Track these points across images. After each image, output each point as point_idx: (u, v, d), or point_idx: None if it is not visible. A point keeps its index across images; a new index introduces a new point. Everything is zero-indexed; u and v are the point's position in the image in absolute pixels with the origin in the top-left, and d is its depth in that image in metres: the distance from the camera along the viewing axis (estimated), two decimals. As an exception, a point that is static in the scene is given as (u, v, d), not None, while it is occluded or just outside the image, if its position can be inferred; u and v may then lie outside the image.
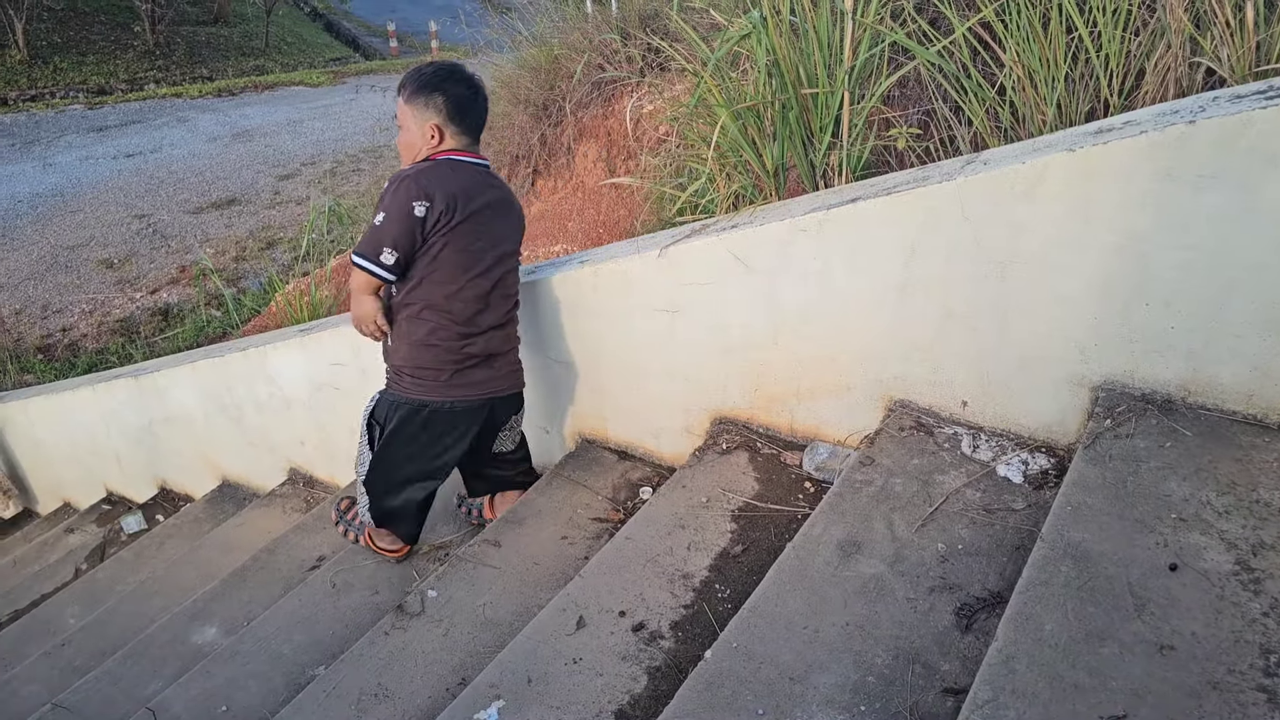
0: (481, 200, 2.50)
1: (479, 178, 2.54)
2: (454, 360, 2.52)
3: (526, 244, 5.05)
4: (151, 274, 10.46)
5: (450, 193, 2.42)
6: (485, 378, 2.59)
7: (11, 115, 18.15)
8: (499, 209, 2.58)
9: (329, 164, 13.93)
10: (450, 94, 2.49)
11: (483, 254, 2.51)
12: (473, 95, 2.54)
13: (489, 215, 2.52)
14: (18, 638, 3.40)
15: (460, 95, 2.50)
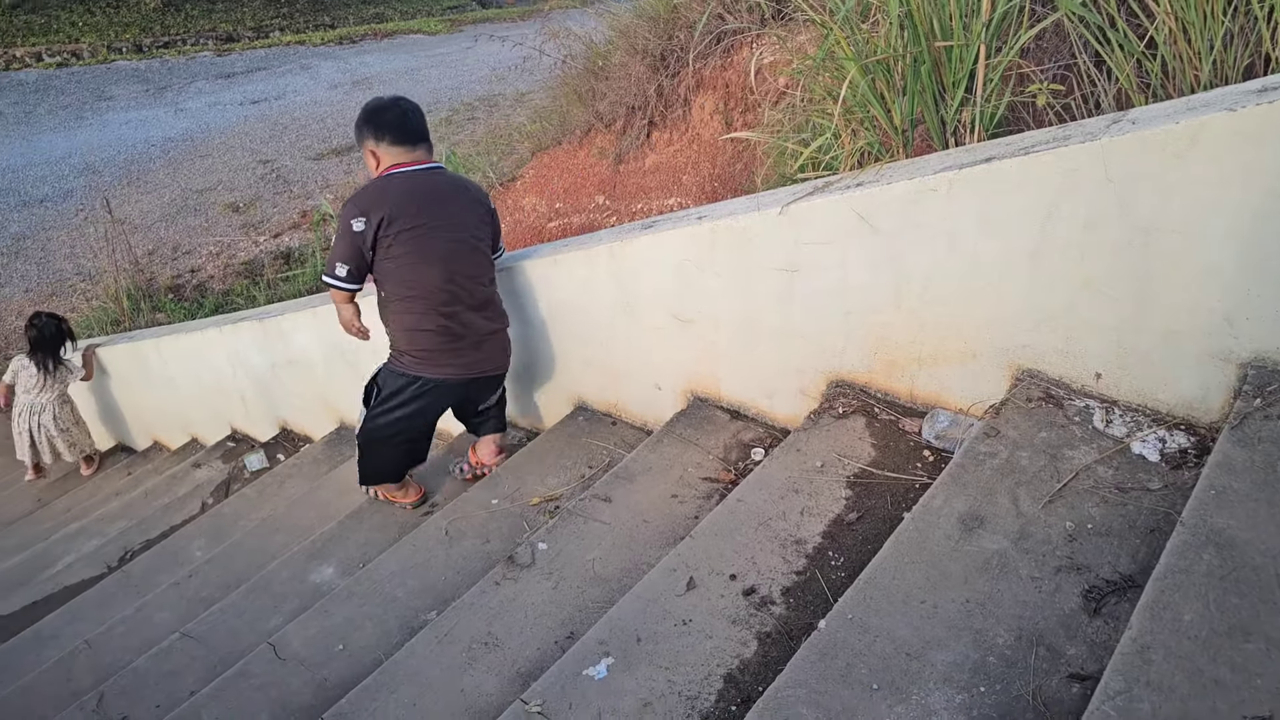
0: (424, 199, 2.87)
1: (419, 181, 2.91)
2: (435, 339, 2.92)
3: (640, 198, 5.03)
4: (275, 218, 10.79)
5: (383, 204, 2.81)
6: (474, 359, 3.01)
7: (146, 61, 18.86)
8: (445, 200, 2.93)
9: (445, 112, 14.08)
10: (372, 121, 2.91)
11: (434, 247, 2.87)
12: (398, 114, 2.93)
13: (434, 211, 2.88)
14: (149, 566, 3.59)
15: (381, 119, 2.91)
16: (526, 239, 5.46)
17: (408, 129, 2.94)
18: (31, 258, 10.22)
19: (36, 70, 17.97)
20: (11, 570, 4.21)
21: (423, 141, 2.99)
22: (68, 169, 12.64)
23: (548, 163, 6.15)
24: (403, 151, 2.93)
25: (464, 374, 3.01)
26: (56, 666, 2.97)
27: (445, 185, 2.97)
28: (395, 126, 2.92)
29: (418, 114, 2.99)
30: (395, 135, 2.92)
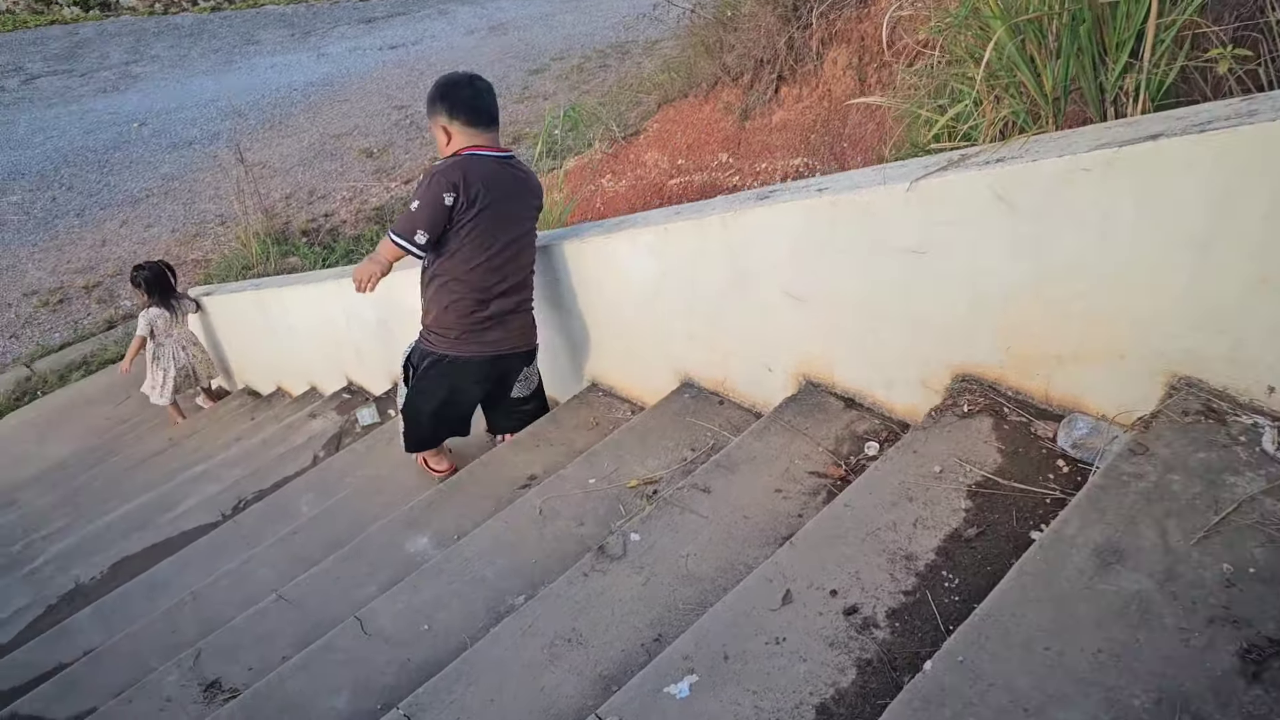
0: (499, 190, 2.99)
1: (497, 168, 3.02)
2: (468, 324, 3.09)
3: (765, 156, 4.79)
4: (406, 164, 10.90)
5: (472, 185, 2.91)
6: (498, 337, 3.16)
7: (293, 6, 19.32)
8: (515, 195, 3.07)
9: (577, 59, 13.95)
10: (448, 97, 2.98)
11: (497, 236, 3.02)
12: (473, 92, 3.00)
13: (505, 202, 3.02)
14: (259, 518, 3.63)
15: (456, 96, 2.98)
16: (646, 196, 5.30)
17: (481, 110, 3.00)
18: (179, 198, 10.63)
19: (192, 14, 18.65)
20: (138, 509, 4.36)
21: (494, 124, 3.06)
22: (215, 112, 13.07)
23: (673, 116, 5.95)
24: (476, 133, 3.00)
25: (488, 351, 3.17)
26: (164, 617, 3.03)
27: (518, 177, 3.11)
28: (470, 106, 2.99)
29: (491, 94, 3.05)
30: (469, 115, 2.99)
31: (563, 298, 3.36)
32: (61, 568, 4.01)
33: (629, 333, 3.20)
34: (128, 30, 17.44)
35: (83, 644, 3.17)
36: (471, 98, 2.99)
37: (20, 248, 9.68)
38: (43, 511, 5.16)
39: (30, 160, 11.70)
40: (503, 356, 3.23)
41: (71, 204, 10.57)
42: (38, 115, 13.27)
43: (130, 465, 5.45)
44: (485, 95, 3.02)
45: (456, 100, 2.97)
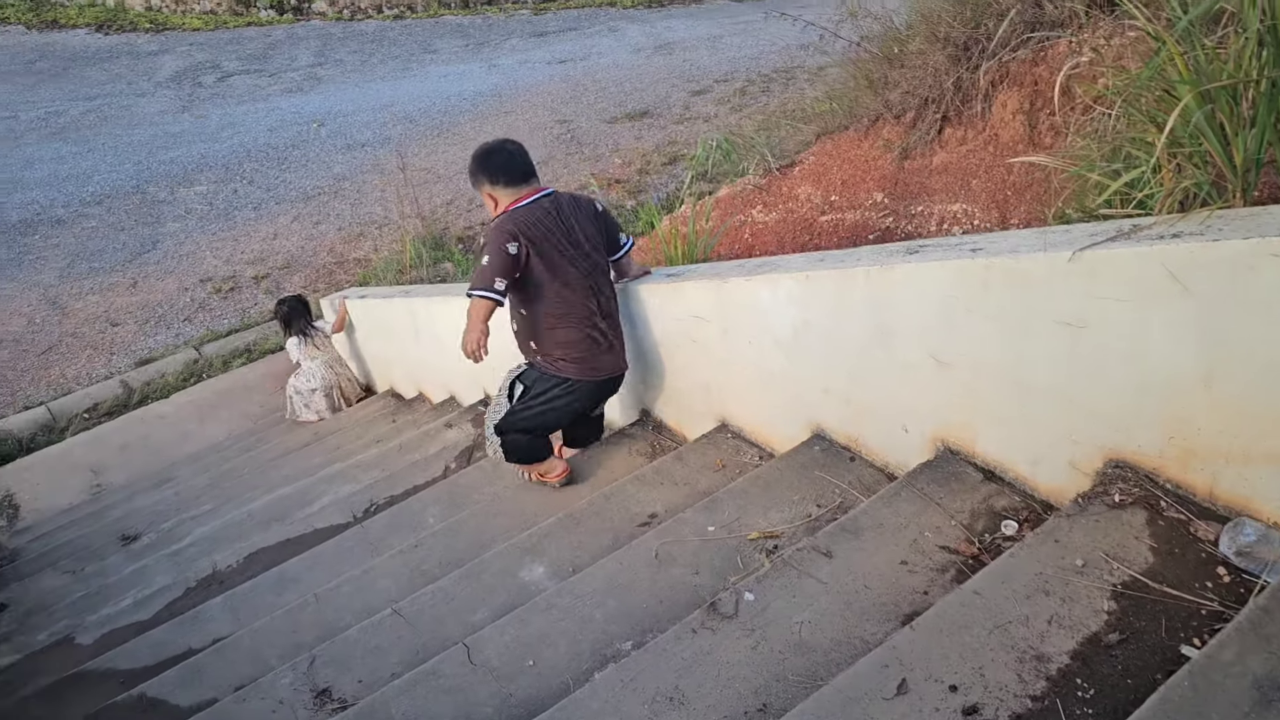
0: (554, 228, 3.29)
1: (544, 209, 3.31)
2: (583, 347, 3.35)
3: (922, 199, 4.63)
4: (564, 177, 11.07)
5: (527, 232, 3.22)
6: (610, 362, 3.44)
7: (470, 17, 19.98)
8: (569, 226, 3.33)
9: (740, 82, 13.94)
10: (485, 167, 3.32)
11: (571, 266, 3.29)
12: (505, 157, 3.32)
13: (561, 233, 3.30)
14: (387, 526, 3.71)
15: (493, 164, 3.31)
16: (795, 232, 5.20)
17: (515, 171, 3.32)
18: (347, 198, 11.10)
19: (376, 21, 19.52)
20: (277, 502, 4.53)
21: (530, 178, 3.36)
22: (389, 116, 13.62)
23: (830, 150, 5.83)
24: (515, 191, 3.32)
25: (603, 374, 3.44)
26: (286, 616, 3.12)
27: (566, 207, 3.37)
28: (505, 170, 3.31)
29: (523, 154, 3.37)
30: (507, 178, 3.31)
31: (697, 334, 3.30)
32: (203, 551, 4.20)
33: (764, 378, 3.12)
34: (316, 34, 18.39)
35: (212, 631, 3.30)
36: (505, 162, 3.32)
37: (201, 236, 10.30)
38: (195, 492, 5.44)
39: (218, 153, 12.45)
40: (611, 379, 3.52)
41: (250, 197, 11.19)
42: (228, 111, 14.12)
43: (276, 455, 5.69)
44: (517, 157, 3.34)
45: (493, 168, 3.31)
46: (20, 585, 4.62)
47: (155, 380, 7.77)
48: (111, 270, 9.63)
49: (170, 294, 9.17)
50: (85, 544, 4.98)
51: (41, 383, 7.95)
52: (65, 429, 7.28)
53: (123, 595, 3.97)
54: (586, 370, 3.38)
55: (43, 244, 10.17)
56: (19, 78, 15.61)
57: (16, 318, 8.86)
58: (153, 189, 11.43)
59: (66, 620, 3.89)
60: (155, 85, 15.36)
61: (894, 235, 4.62)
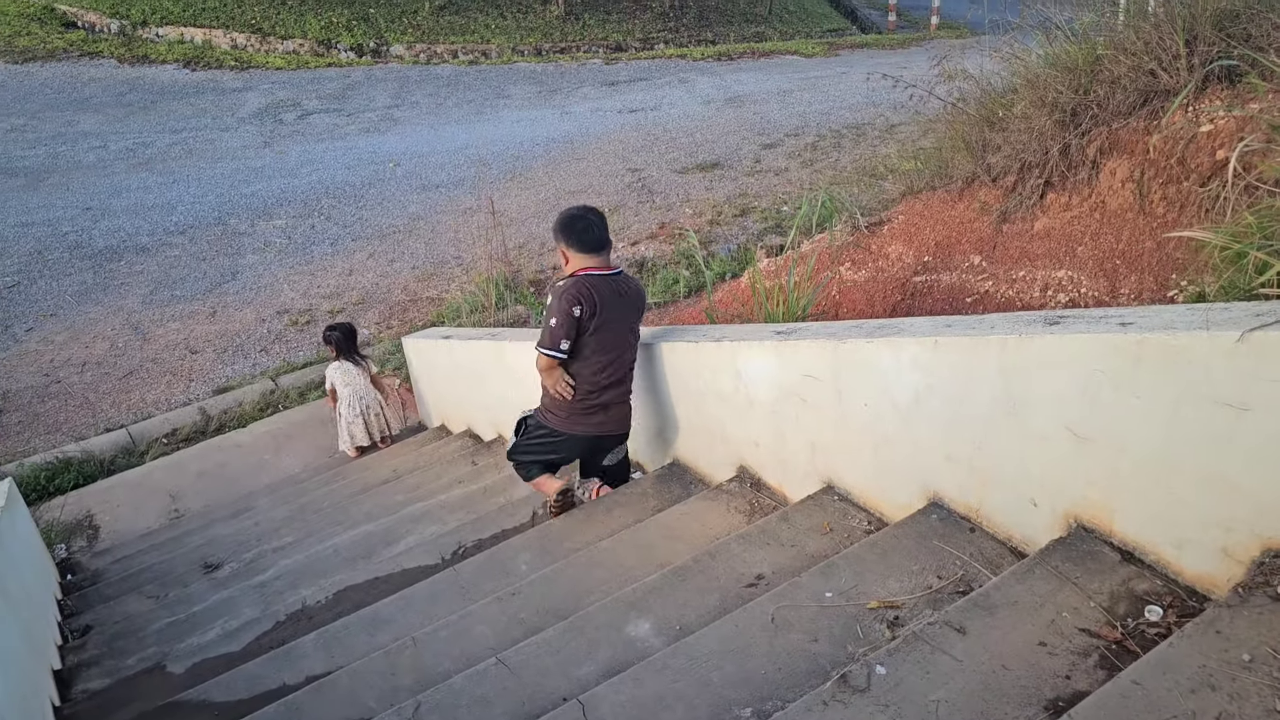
0: (611, 303, 3.73)
1: (609, 285, 3.75)
2: (579, 409, 3.85)
3: (1023, 264, 4.57)
4: (635, 226, 11.14)
5: (591, 300, 3.66)
6: (600, 420, 3.91)
7: (543, 65, 20.32)
8: (625, 306, 3.81)
9: (811, 137, 14.00)
10: (566, 230, 3.75)
11: (611, 342, 3.78)
12: (584, 226, 3.74)
13: (617, 313, 3.77)
14: (478, 570, 3.68)
15: (573, 228, 3.74)
16: (888, 291, 5.16)
17: (592, 239, 3.74)
18: (422, 237, 11.26)
19: (451, 66, 19.93)
20: (361, 540, 4.53)
21: (604, 247, 3.79)
22: (463, 159, 13.84)
23: (919, 209, 5.80)
24: (588, 257, 3.76)
25: (592, 432, 3.94)
26: (384, 657, 3.09)
27: (625, 289, 3.83)
28: (582, 238, 3.73)
29: (602, 224, 3.78)
30: (583, 245, 3.74)
31: (808, 394, 3.26)
32: (290, 584, 4.20)
33: (878, 442, 3.06)
34: (394, 77, 18.81)
35: (305, 669, 3.28)
36: (584, 229, 3.73)
37: (280, 269, 10.49)
38: (275, 523, 5.47)
39: (297, 189, 12.72)
40: (603, 437, 4.01)
41: (328, 233, 11.39)
42: (308, 148, 14.44)
43: (355, 491, 5.71)
44: (595, 227, 3.75)
45: (573, 231, 3.73)
46: (105, 608, 4.66)
47: (232, 409, 7.88)
48: (192, 299, 9.84)
49: (248, 324, 9.33)
50: (168, 569, 5.02)
51: (122, 406, 8.10)
52: (145, 453, 7.39)
53: (210, 625, 3.98)
54: (574, 425, 3.89)
55: (127, 271, 10.42)
56: (110, 109, 16.12)
57: (100, 341, 9.07)
58: (234, 221, 11.69)
59: (155, 647, 3.91)
60: (238, 121, 15.77)
61: (994, 299, 4.55)
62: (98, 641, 4.19)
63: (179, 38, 19.81)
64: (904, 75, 6.48)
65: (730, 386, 3.65)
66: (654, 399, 4.23)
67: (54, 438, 7.61)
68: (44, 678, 3.59)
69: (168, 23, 19.89)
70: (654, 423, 4.31)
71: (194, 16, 19.99)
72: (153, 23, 19.88)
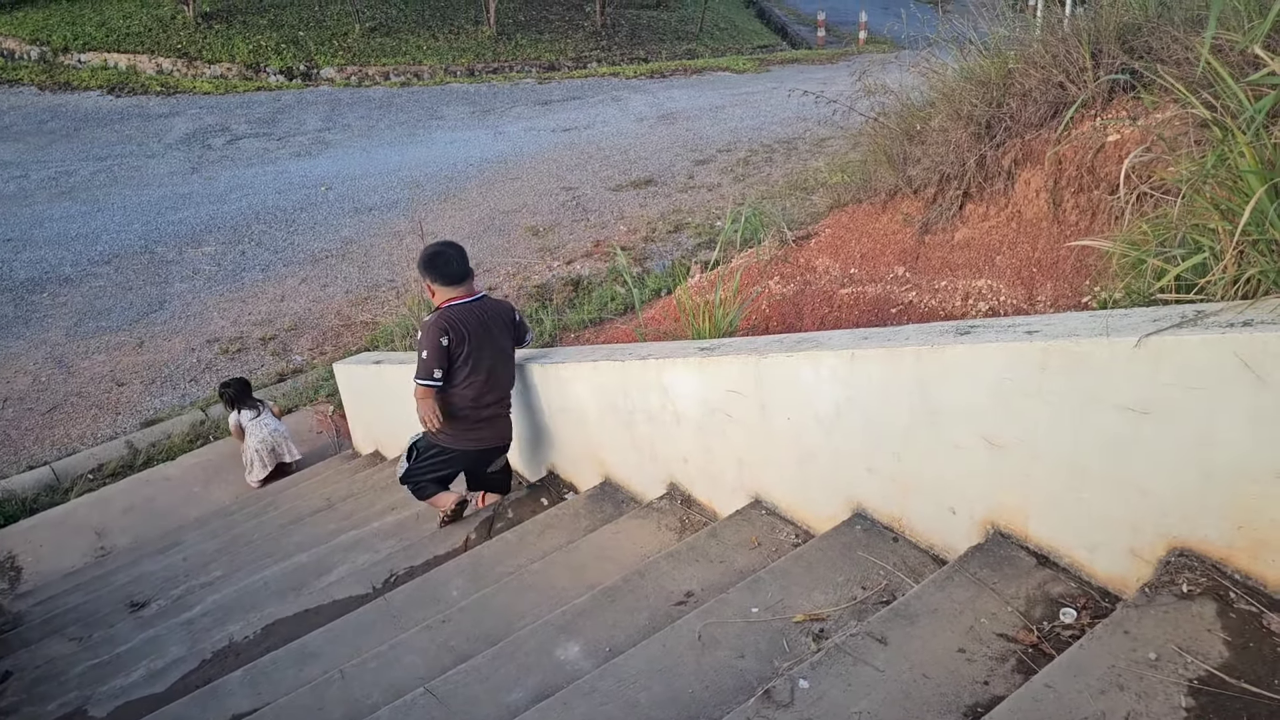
0: (477, 328, 4.11)
1: (472, 311, 4.15)
2: (465, 426, 4.24)
3: (945, 274, 4.65)
4: (570, 244, 11.13)
5: (457, 328, 4.06)
6: (487, 435, 4.35)
7: (476, 85, 20.27)
8: (492, 327, 4.20)
9: (744, 152, 14.12)
10: (429, 267, 4.15)
11: (481, 361, 4.14)
12: (444, 260, 4.14)
13: (486, 336, 4.15)
14: (408, 599, 3.63)
15: (434, 264, 4.14)
16: (815, 304, 5.21)
17: (453, 273, 4.14)
18: (355, 261, 11.13)
19: (383, 88, 19.78)
20: (292, 571, 4.44)
21: (465, 278, 4.17)
22: (396, 181, 13.73)
23: (845, 222, 5.87)
24: (451, 289, 4.16)
25: (479, 446, 4.35)
26: (311, 692, 3.03)
27: (489, 312, 4.21)
28: (444, 271, 4.13)
29: (461, 258, 4.17)
30: (445, 278, 4.14)
31: (732, 410, 3.28)
32: (218, 620, 4.10)
33: (802, 455, 3.08)
34: (325, 99, 18.61)
35: (231, 707, 3.20)
36: (444, 264, 4.12)
37: (209, 296, 10.29)
38: (204, 557, 5.34)
39: (226, 215, 12.51)
40: (487, 450, 4.43)
41: (258, 259, 11.22)
42: (237, 174, 14.21)
43: (287, 522, 5.61)
44: (454, 261, 4.14)
45: (435, 267, 4.13)
46: (27, 652, 4.50)
47: (161, 441, 7.70)
48: (119, 329, 9.60)
49: (177, 354, 9.14)
50: (92, 610, 4.88)
51: (46, 442, 7.87)
52: (69, 489, 7.18)
53: (135, 666, 3.87)
54: (461, 441, 4.27)
55: (50, 302, 10.15)
56: (31, 137, 15.73)
57: (22, 376, 8.81)
58: (161, 249, 11.45)
59: (77, 691, 3.78)
60: (165, 147, 15.48)
61: (917, 309, 4.62)
62: (17, 688, 4.05)
63: (102, 63, 19.40)
64: (829, 90, 6.59)
65: (658, 404, 3.65)
66: (580, 418, 4.22)
67: (-28, 477, 7.37)
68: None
69: (90, 48, 19.48)
70: (582, 442, 4.31)
71: (117, 42, 19.61)
72: (74, 49, 19.46)
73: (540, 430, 4.63)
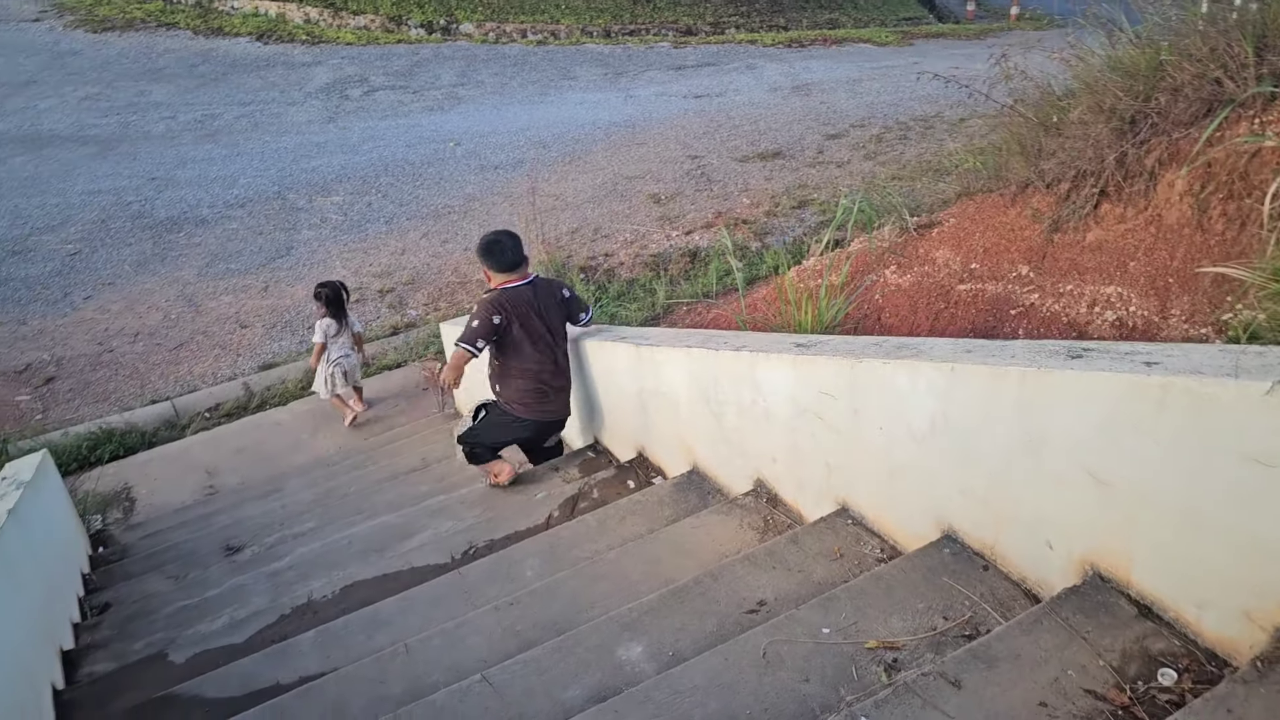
0: (526, 308, 4.43)
1: (523, 294, 4.47)
2: (531, 395, 4.56)
3: (1071, 277, 4.35)
4: (690, 214, 10.98)
5: (508, 309, 4.38)
6: (551, 408, 4.70)
7: (610, 47, 20.18)
8: (542, 307, 4.50)
9: (878, 128, 13.67)
10: (486, 254, 4.47)
11: (537, 339, 4.46)
12: (500, 249, 4.44)
13: (535, 315, 4.46)
14: (484, 574, 3.61)
15: (491, 252, 4.45)
16: (930, 298, 4.96)
17: (507, 260, 4.45)
18: (476, 219, 11.23)
19: (519, 45, 19.90)
20: (378, 532, 4.50)
21: (519, 264, 4.48)
22: (523, 140, 13.79)
23: (971, 213, 5.58)
24: (505, 275, 4.47)
25: (544, 417, 4.70)
26: (375, 664, 3.04)
27: (541, 294, 4.52)
28: (498, 259, 4.45)
29: (517, 247, 4.47)
30: (500, 265, 4.46)
31: (824, 412, 3.12)
32: (301, 576, 4.18)
33: (893, 468, 2.91)
34: (461, 55, 18.83)
35: (300, 668, 3.25)
36: (500, 252, 4.43)
37: (333, 245, 10.56)
38: (300, 507, 5.48)
39: (356, 165, 12.80)
40: (550, 423, 4.79)
41: (383, 211, 11.44)
42: (371, 125, 14.52)
43: (383, 478, 5.70)
44: (510, 250, 4.45)
45: (492, 255, 4.45)
46: (127, 585, 4.70)
47: (275, 386, 7.95)
48: (246, 272, 9.95)
49: (299, 300, 9.40)
50: (192, 549, 5.06)
51: (170, 378, 8.22)
52: (186, 426, 7.49)
53: (220, 612, 3.98)
54: (532, 411, 4.60)
55: (185, 242, 10.58)
56: (182, 80, 16.41)
57: (154, 311, 9.21)
58: (292, 196, 11.79)
59: (163, 632, 3.91)
60: (305, 95, 15.94)
61: (1038, 313, 4.35)
62: (113, 621, 4.22)
63: (254, 10, 20.09)
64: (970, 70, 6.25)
65: (749, 398, 3.52)
66: (672, 404, 4.11)
67: (101, 407, 7.75)
68: (47, 663, 3.60)
69: (243, -5, 20.17)
70: (673, 427, 4.20)
71: (269, -10, 20.24)
72: (228, -5, 20.18)
73: (631, 411, 4.55)
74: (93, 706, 3.42)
